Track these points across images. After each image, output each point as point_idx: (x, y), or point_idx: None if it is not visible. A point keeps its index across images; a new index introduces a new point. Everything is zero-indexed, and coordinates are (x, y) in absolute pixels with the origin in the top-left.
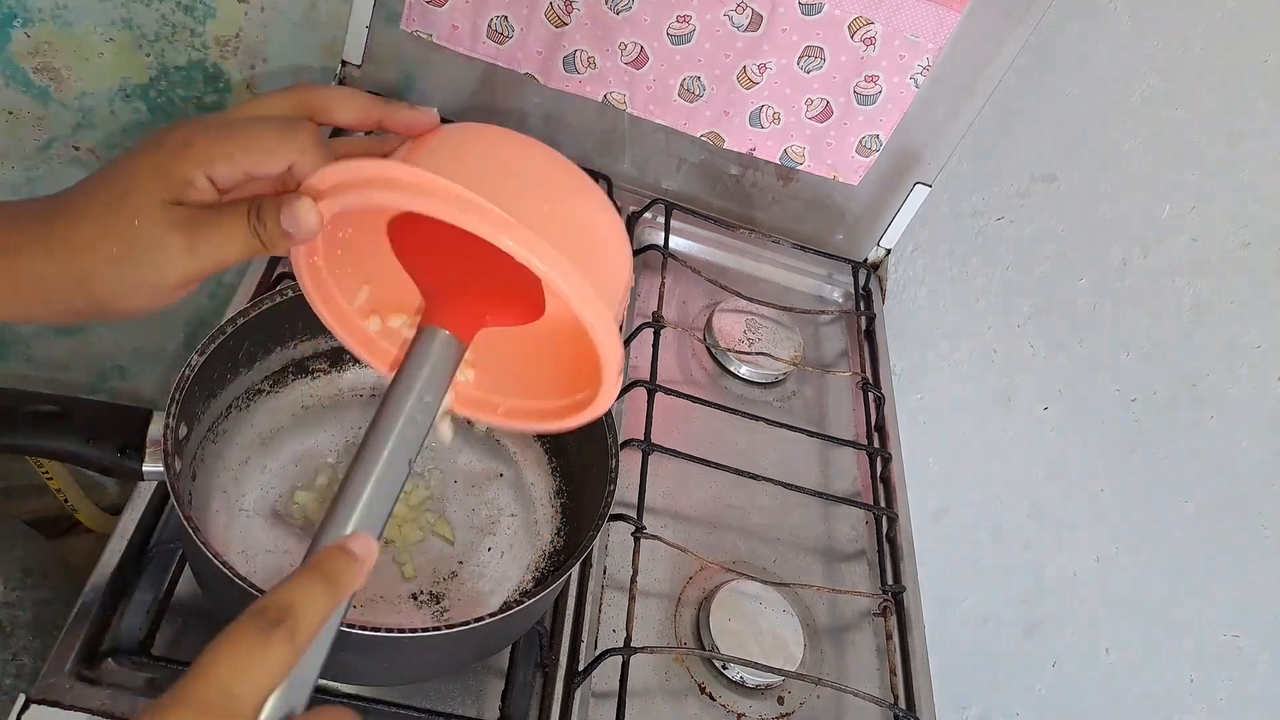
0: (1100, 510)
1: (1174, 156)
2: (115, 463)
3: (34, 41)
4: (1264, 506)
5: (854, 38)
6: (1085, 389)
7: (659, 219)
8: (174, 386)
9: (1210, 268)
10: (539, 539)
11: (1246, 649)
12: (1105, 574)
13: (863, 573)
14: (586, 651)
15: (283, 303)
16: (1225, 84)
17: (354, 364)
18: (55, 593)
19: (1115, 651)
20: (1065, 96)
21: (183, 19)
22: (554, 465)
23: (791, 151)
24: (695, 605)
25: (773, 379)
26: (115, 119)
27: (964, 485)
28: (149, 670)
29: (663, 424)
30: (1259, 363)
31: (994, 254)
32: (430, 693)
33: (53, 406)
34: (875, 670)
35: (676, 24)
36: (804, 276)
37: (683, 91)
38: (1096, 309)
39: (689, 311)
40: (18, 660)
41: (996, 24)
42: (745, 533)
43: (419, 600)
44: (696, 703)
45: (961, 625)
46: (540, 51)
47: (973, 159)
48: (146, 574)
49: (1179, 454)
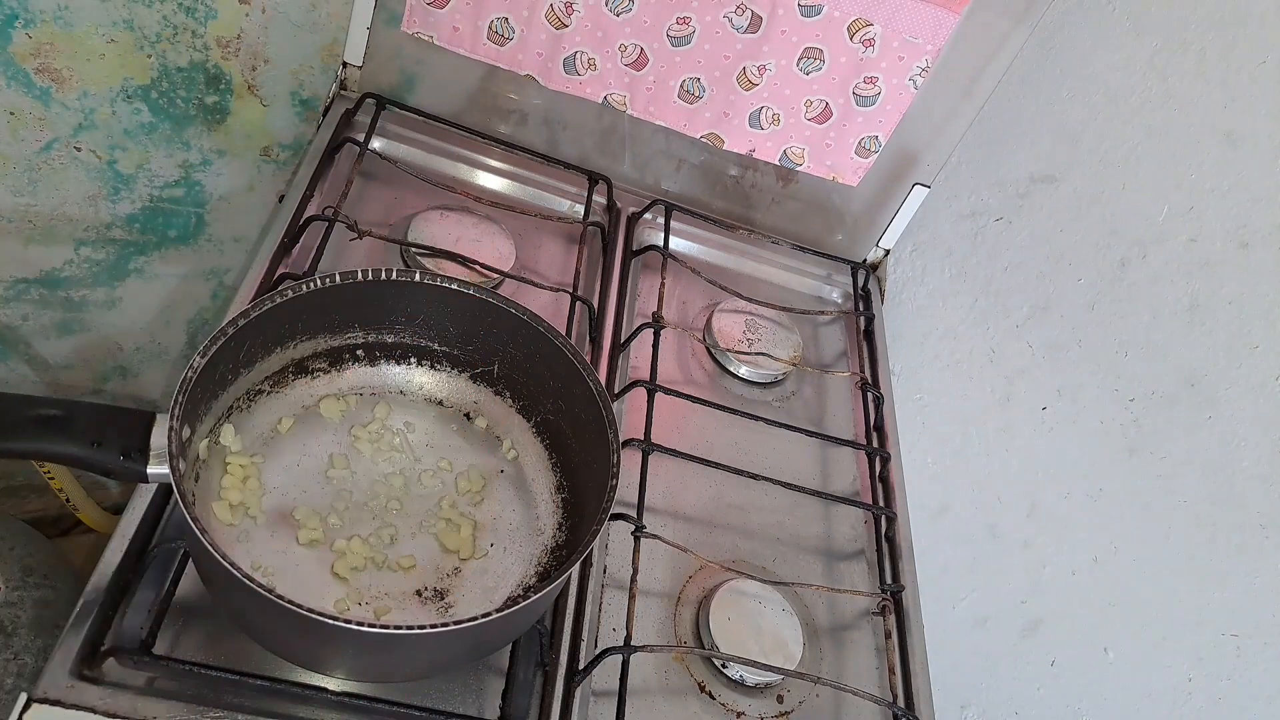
0: (1099, 510)
1: (1173, 157)
2: (119, 466)
3: (35, 42)
4: (1263, 506)
5: (853, 39)
6: (1084, 389)
7: (659, 219)
8: (177, 389)
9: (1209, 268)
10: (541, 535)
11: (1246, 649)
12: (1104, 574)
13: (862, 572)
14: (587, 650)
15: (283, 303)
16: (1224, 84)
17: (354, 363)
18: (57, 592)
19: (1114, 651)
20: (1064, 97)
21: (184, 20)
22: (555, 461)
23: (791, 152)
24: (695, 604)
25: (772, 379)
26: (117, 120)
27: (963, 485)
28: (150, 670)
29: (663, 424)
30: (1257, 363)
31: (993, 254)
32: (430, 691)
33: (55, 410)
34: (874, 669)
35: (676, 25)
36: (803, 277)
37: (682, 93)
38: (1095, 309)
39: (689, 312)
40: (19, 660)
41: (996, 25)
42: (745, 532)
43: (423, 596)
44: (696, 701)
45: (960, 625)
46: (540, 53)
47: (972, 160)
48: (148, 574)
49: (1178, 454)
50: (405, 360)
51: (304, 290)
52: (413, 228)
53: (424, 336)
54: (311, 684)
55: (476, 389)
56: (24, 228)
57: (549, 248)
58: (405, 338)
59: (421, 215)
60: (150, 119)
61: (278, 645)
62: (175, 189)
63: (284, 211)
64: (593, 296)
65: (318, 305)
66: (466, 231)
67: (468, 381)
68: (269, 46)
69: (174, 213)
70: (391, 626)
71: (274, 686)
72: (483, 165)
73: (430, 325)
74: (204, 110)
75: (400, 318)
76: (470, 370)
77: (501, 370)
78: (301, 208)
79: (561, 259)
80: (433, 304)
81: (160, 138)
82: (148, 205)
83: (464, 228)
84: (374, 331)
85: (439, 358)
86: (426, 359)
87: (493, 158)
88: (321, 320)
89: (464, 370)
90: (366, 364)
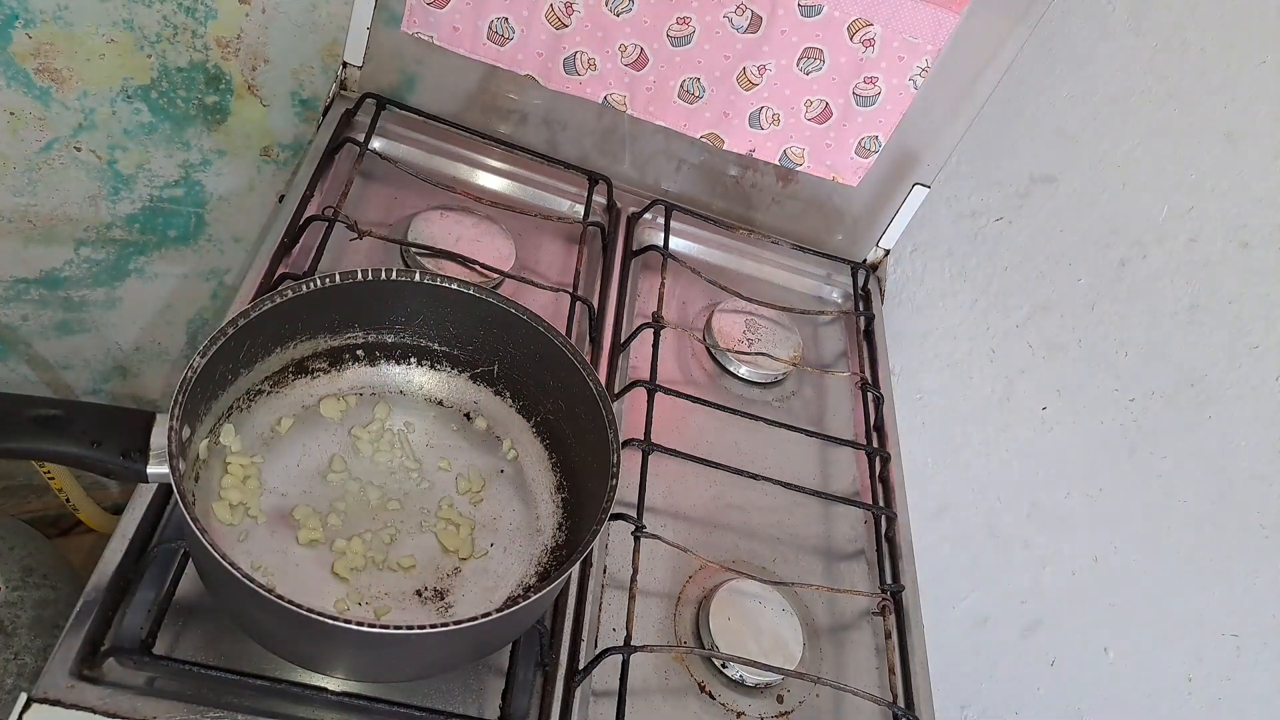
0: (1099, 510)
1: (1172, 157)
2: (119, 466)
3: (35, 42)
4: (1263, 506)
5: (853, 39)
6: (1084, 389)
7: (659, 219)
8: (177, 389)
9: (1208, 268)
10: (541, 535)
11: (1245, 649)
12: (1104, 574)
13: (862, 572)
14: (586, 650)
15: (283, 303)
16: (1224, 84)
17: (354, 363)
18: (57, 592)
19: (1114, 651)
20: (1064, 97)
21: (184, 20)
22: (555, 461)
23: (791, 152)
24: (695, 604)
25: (772, 379)
26: (117, 120)
27: (963, 485)
28: (150, 670)
29: (663, 424)
30: (1257, 363)
31: (992, 254)
32: (430, 691)
33: (55, 410)
34: (874, 669)
35: (676, 25)
36: (803, 277)
37: (682, 93)
38: (1095, 309)
39: (689, 312)
40: (19, 659)
41: (995, 25)
42: (745, 532)
43: (423, 596)
44: (696, 701)
45: (960, 624)
46: (540, 53)
47: (972, 160)
48: (148, 574)
49: (1178, 454)
50: (405, 360)
51: (304, 290)
52: (413, 228)
53: (424, 336)
54: (311, 684)
55: (476, 389)
56: (24, 228)
57: (549, 248)
58: (405, 338)
59: (421, 215)
60: (150, 119)
61: (278, 645)
62: (175, 189)
63: (284, 211)
64: (593, 296)
65: (318, 305)
66: (466, 231)
67: (468, 381)
68: (269, 46)
69: (174, 213)
70: (391, 626)
71: (274, 686)
72: (483, 165)
73: (430, 325)
74: (204, 110)
75: (400, 318)
76: (470, 370)
77: (501, 370)
78: (301, 208)
79: (561, 259)
80: (433, 304)
81: (160, 138)
82: (148, 205)
83: (464, 228)
84: (374, 331)
85: (439, 358)
86: (426, 359)
87: (493, 158)
88: (321, 320)
89: (464, 370)
90: (366, 364)
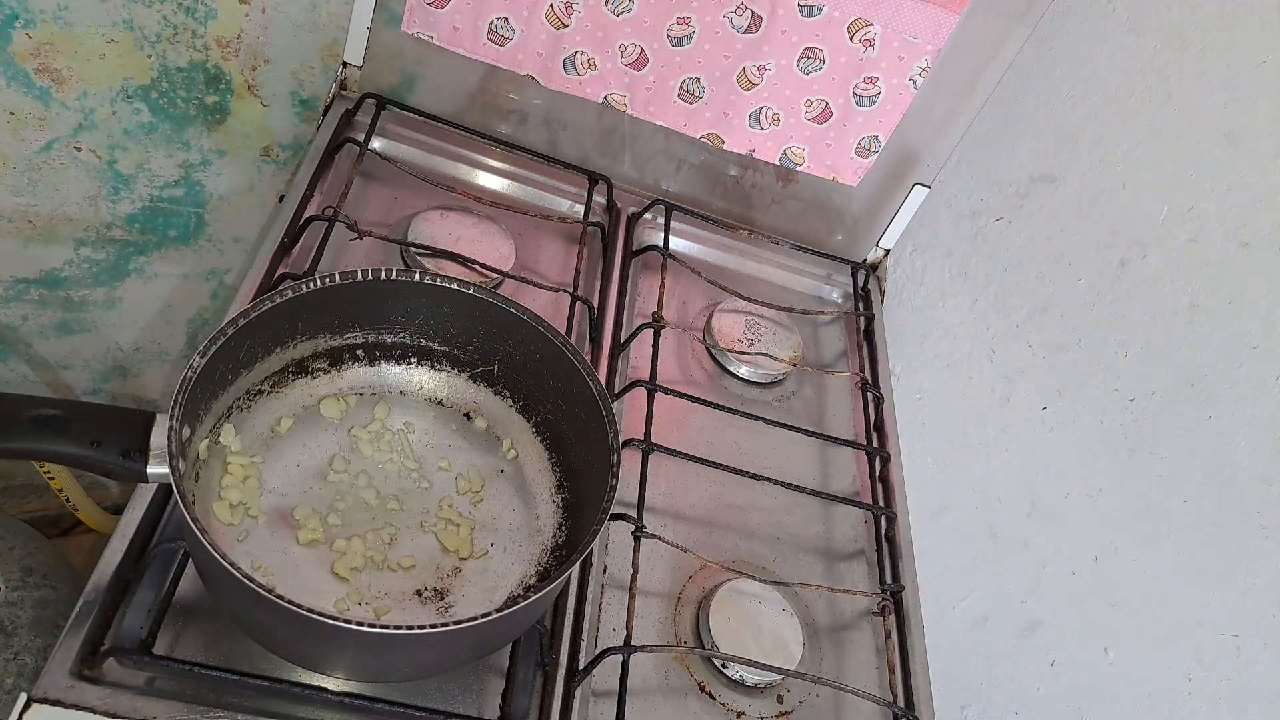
0: (1099, 510)
1: (1172, 156)
2: (119, 466)
3: (35, 42)
4: (1263, 506)
5: (853, 39)
6: (1084, 389)
7: (659, 220)
8: (177, 389)
9: (1208, 268)
10: (541, 535)
11: (1245, 649)
12: (1104, 574)
13: (862, 572)
14: (586, 650)
15: (283, 303)
16: (1224, 84)
17: (354, 363)
18: (57, 592)
19: (1114, 651)
20: (1064, 97)
21: (184, 20)
22: (555, 461)
23: (791, 152)
24: (695, 604)
25: (772, 379)
26: (117, 120)
27: (963, 485)
28: (150, 670)
29: (663, 424)
30: (1257, 362)
31: (992, 254)
32: (430, 691)
33: (55, 410)
34: (874, 669)
35: (676, 25)
36: (803, 277)
37: (682, 93)
38: (1095, 309)
39: (689, 312)
40: (19, 659)
41: (995, 25)
42: (745, 532)
43: (424, 596)
44: (696, 701)
45: (960, 624)
46: (540, 53)
47: (972, 160)
48: (148, 574)
49: (1177, 454)
50: (405, 360)
51: (304, 290)
52: (413, 228)
53: (424, 336)
54: (311, 684)
55: (476, 389)
56: (24, 228)
57: (549, 248)
58: (405, 338)
59: (421, 215)
60: (150, 119)
61: (277, 645)
62: (175, 189)
63: (284, 211)
64: (593, 296)
65: (318, 305)
66: (466, 231)
67: (468, 381)
68: (269, 46)
69: (174, 213)
70: (391, 626)
71: (274, 686)
72: (483, 165)
73: (430, 325)
74: (204, 110)
75: (400, 318)
76: (470, 370)
77: (501, 370)
78: (301, 208)
79: (561, 259)
80: (433, 304)
81: (160, 138)
82: (148, 205)
83: (464, 228)
84: (374, 331)
85: (439, 358)
86: (426, 359)
87: (493, 158)
88: (321, 320)
89: (464, 370)
90: (366, 364)
